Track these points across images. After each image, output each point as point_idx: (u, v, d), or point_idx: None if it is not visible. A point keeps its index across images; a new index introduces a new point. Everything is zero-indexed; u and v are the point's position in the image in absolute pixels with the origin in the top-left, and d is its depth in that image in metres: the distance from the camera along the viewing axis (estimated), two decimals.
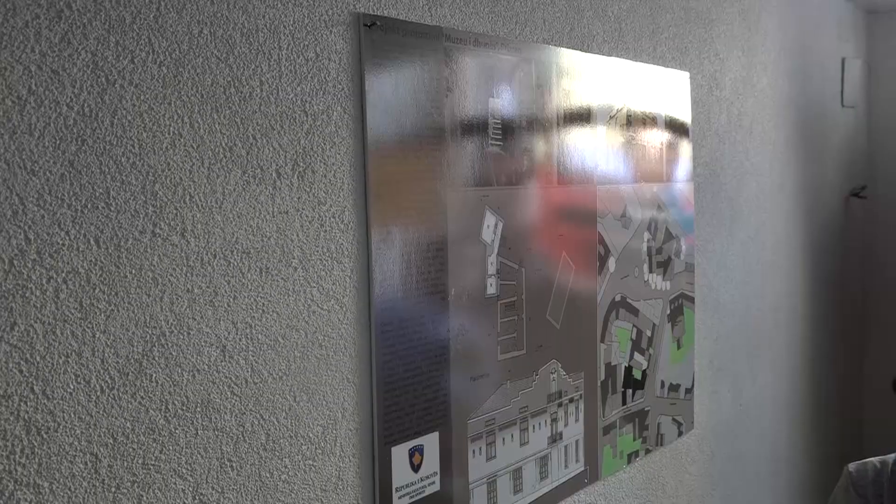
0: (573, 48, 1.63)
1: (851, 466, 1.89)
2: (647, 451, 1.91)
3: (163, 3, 0.97)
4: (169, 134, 0.98)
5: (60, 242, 0.88)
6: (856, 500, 1.84)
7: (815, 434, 2.72)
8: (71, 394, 0.89)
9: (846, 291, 2.99)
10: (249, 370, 1.07)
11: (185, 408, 1.00)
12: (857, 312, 3.07)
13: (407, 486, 1.28)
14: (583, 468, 1.69)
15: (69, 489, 0.89)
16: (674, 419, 2.00)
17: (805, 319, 2.71)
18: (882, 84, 3.08)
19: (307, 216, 1.14)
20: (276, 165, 1.10)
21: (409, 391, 1.28)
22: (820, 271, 2.79)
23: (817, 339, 2.78)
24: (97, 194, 0.91)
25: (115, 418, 0.93)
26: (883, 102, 3.08)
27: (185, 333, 1.00)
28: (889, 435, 1.86)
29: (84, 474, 0.91)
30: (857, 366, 3.03)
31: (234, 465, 1.05)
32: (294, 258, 1.12)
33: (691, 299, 2.05)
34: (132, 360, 0.95)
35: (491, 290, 1.44)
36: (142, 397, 0.96)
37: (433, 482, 1.33)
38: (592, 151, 1.67)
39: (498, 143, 1.44)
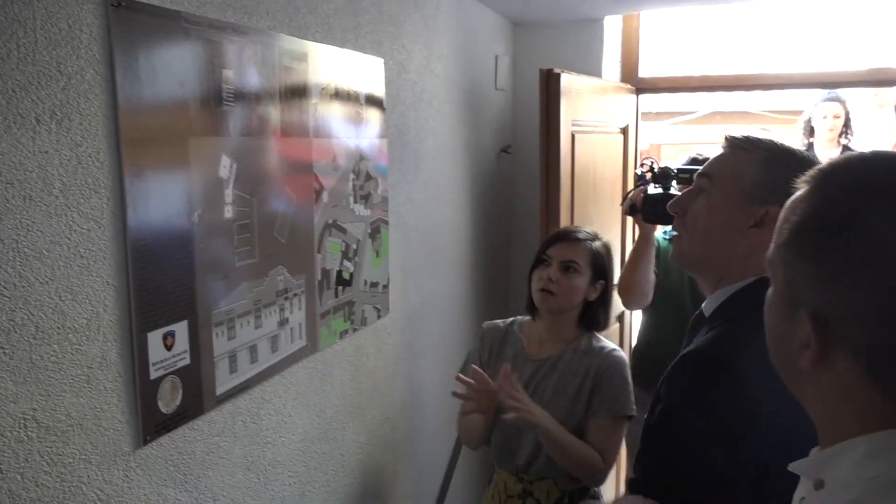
0: (292, 35, 1.63)
1: (485, 324, 2.13)
2: (355, 330, 2.01)
3: None
4: None
5: None
6: (480, 345, 2.09)
7: (477, 308, 2.98)
8: None
9: (497, 216, 3.27)
10: (17, 276, 1.01)
11: None
12: (503, 228, 3.37)
13: (161, 361, 1.27)
14: (305, 343, 1.75)
15: None
16: (374, 307, 2.12)
17: (469, 235, 2.94)
18: (521, 74, 3.36)
19: (66, 155, 1.08)
20: (36, 114, 1.03)
21: (161, 291, 1.26)
22: (479, 203, 3.02)
23: (477, 248, 3.03)
24: None
25: None
26: (521, 87, 3.36)
27: None
28: (520, 307, 2.09)
29: None
30: (504, 264, 3.36)
31: (6, 350, 1.00)
32: (55, 188, 1.06)
33: (386, 222, 2.15)
34: None
35: (228, 214, 1.44)
36: None
37: (184, 358, 1.33)
38: (309, 114, 1.70)
39: (231, 104, 1.42)
